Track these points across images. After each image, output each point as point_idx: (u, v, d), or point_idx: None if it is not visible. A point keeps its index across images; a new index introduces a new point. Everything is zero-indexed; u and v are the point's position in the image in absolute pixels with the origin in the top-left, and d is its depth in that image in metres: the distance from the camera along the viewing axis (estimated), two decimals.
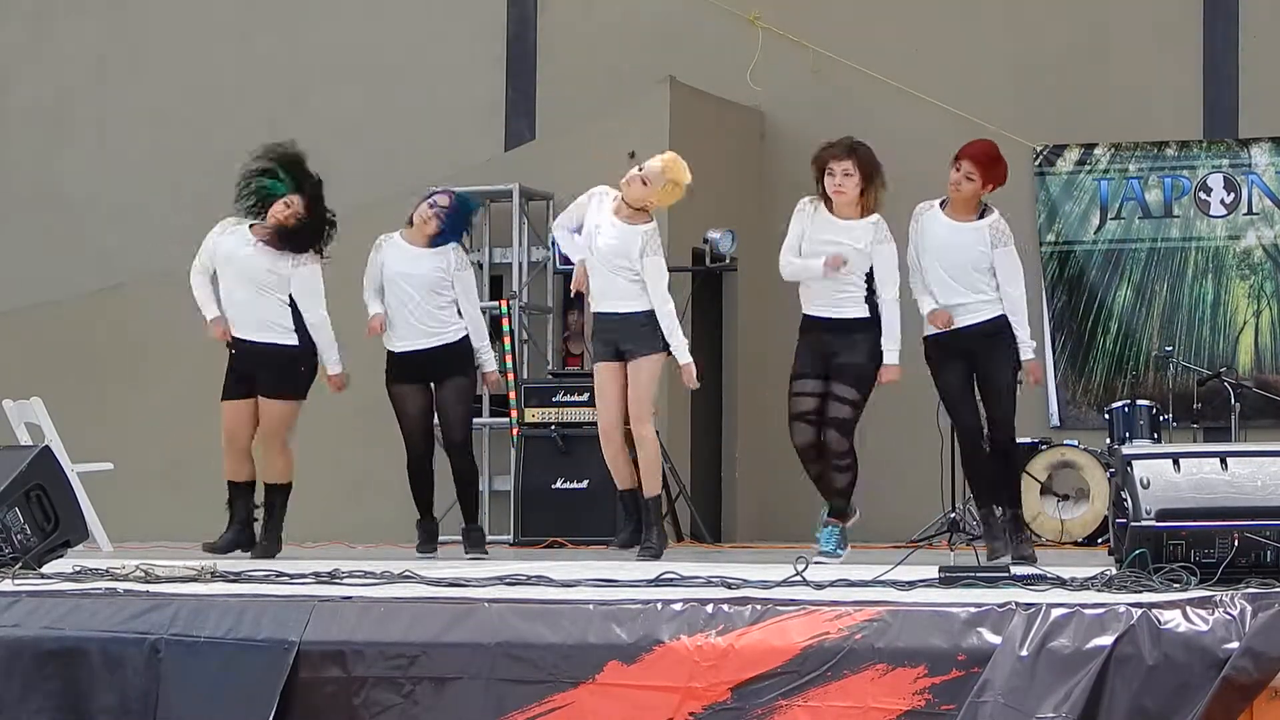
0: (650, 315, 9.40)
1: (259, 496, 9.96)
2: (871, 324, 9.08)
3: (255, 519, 9.91)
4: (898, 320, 9.05)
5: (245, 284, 9.80)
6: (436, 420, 9.98)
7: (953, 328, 9.00)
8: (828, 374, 9.08)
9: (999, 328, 9.04)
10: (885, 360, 9.07)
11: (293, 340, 9.78)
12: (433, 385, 9.87)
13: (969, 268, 9.02)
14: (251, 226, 9.90)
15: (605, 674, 4.95)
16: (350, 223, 10.50)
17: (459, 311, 9.86)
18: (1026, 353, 9.05)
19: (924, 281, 9.10)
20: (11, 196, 16.47)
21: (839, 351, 9.06)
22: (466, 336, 9.87)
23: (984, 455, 9.07)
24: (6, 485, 6.86)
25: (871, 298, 9.10)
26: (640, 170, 9.41)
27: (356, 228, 10.65)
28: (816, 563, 8.83)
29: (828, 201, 9.15)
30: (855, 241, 9.04)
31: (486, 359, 9.99)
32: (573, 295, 10.13)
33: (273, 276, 9.77)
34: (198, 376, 13.92)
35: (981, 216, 9.10)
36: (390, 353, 9.90)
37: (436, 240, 9.86)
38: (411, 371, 9.84)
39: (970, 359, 9.06)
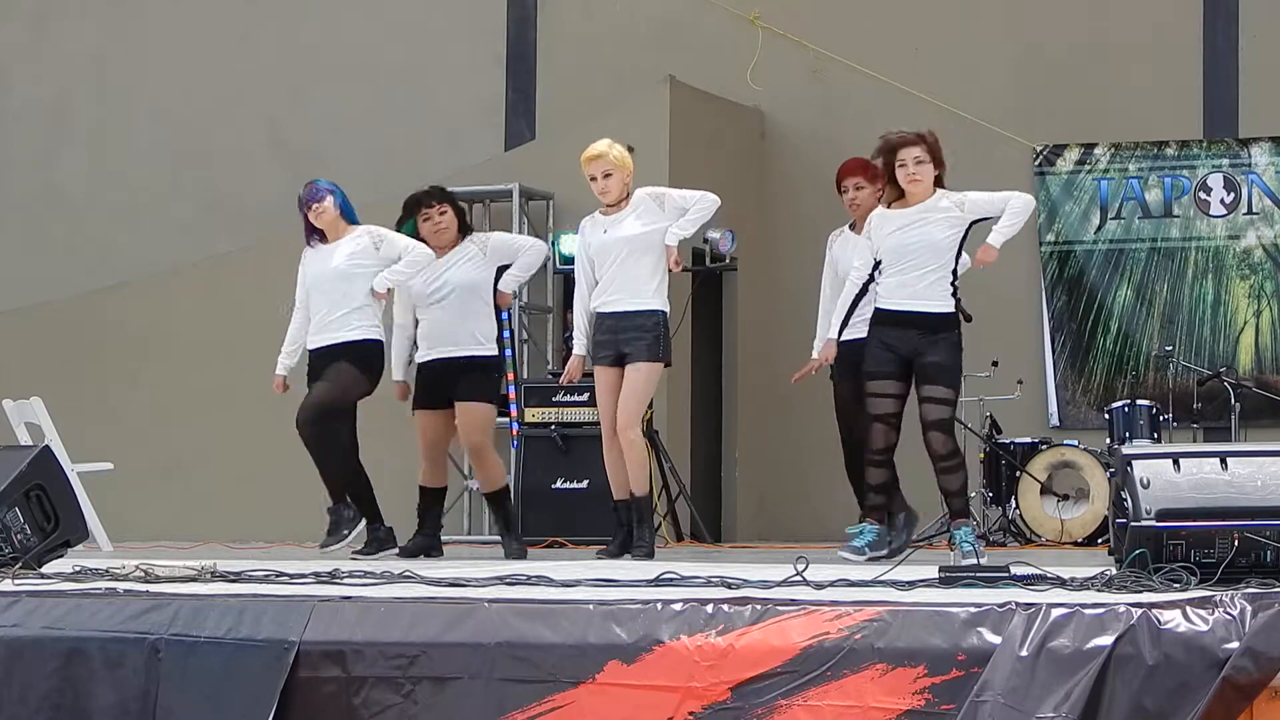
0: (655, 315, 9.24)
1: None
2: (955, 321, 8.78)
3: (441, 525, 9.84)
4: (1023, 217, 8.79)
5: (454, 298, 9.60)
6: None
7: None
8: (907, 373, 8.75)
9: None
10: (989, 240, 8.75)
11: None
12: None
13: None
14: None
15: (605, 674, 4.95)
16: None
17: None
18: None
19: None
20: (11, 196, 16.49)
21: (922, 352, 8.70)
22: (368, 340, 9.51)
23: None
24: (6, 485, 6.85)
25: (955, 289, 8.79)
26: (608, 177, 9.18)
27: None
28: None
29: (896, 191, 8.81)
30: (942, 213, 8.76)
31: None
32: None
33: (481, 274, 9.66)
34: (198, 376, 13.98)
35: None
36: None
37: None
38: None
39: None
